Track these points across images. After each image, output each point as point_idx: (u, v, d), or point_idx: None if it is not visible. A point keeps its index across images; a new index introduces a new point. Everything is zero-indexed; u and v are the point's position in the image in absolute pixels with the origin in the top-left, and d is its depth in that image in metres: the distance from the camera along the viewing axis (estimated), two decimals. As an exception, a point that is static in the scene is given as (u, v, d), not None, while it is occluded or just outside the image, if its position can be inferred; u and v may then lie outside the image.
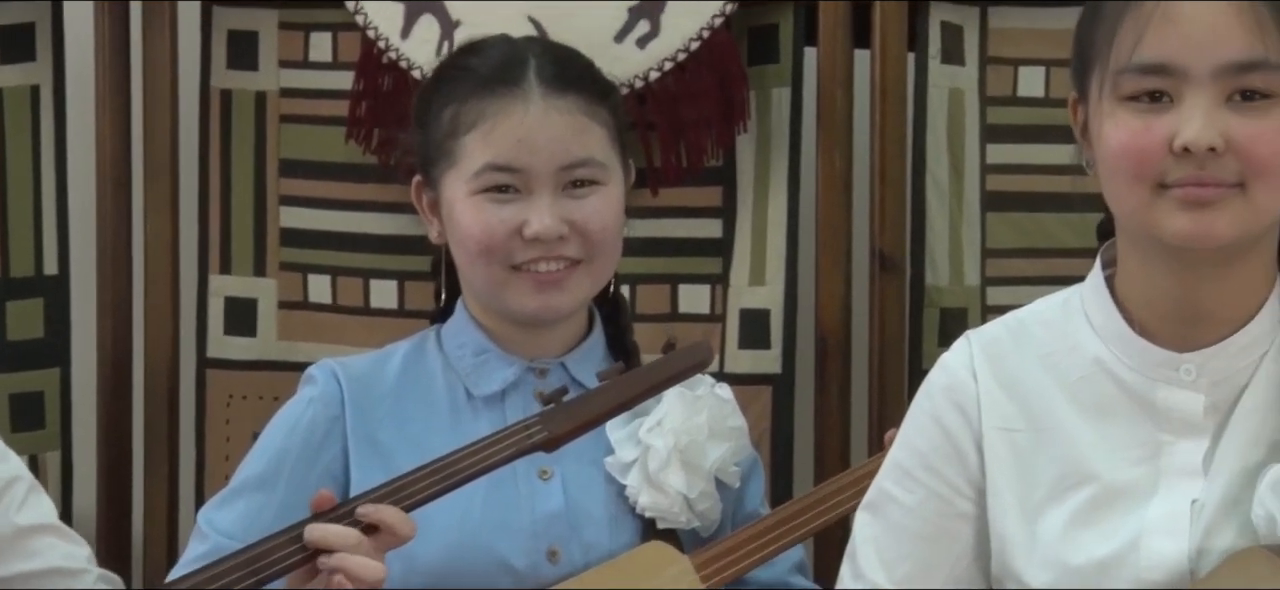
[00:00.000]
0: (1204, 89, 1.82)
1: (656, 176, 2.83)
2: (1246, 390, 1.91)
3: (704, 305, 2.88)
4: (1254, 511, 1.85)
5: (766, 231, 2.86)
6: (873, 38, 2.82)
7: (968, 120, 2.84)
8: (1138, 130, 1.84)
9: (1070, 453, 1.94)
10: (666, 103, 2.79)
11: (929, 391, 2.03)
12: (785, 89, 2.85)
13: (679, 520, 2.33)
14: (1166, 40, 1.83)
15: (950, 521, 2.00)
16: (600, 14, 2.76)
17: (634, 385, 2.22)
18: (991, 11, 2.84)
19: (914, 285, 2.85)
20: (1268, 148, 1.83)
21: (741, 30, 2.83)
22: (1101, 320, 1.96)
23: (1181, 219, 1.84)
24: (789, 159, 2.86)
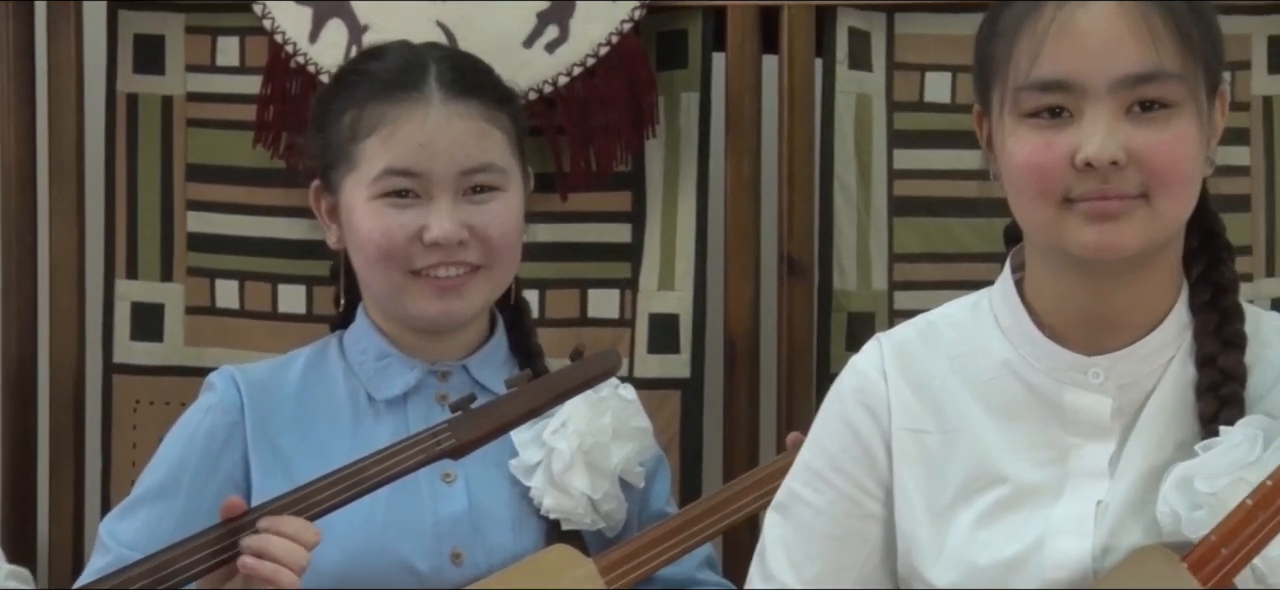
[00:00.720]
0: (1103, 102, 1.84)
1: (565, 181, 2.83)
2: (1153, 394, 1.93)
3: (613, 310, 2.88)
4: (1159, 509, 1.87)
5: (675, 236, 2.87)
6: (781, 43, 2.82)
7: (875, 126, 2.86)
8: (1040, 147, 1.86)
9: (979, 454, 1.96)
10: (575, 107, 2.79)
11: (839, 393, 2.04)
12: (694, 94, 2.86)
13: (583, 522, 2.34)
14: (1063, 55, 1.84)
15: (859, 522, 2.01)
16: (509, 19, 2.76)
17: (542, 392, 2.22)
18: (898, 17, 2.85)
19: (822, 290, 2.86)
20: (1168, 157, 1.85)
21: (650, 35, 2.84)
22: (1010, 323, 1.97)
23: (1088, 232, 1.85)
24: (698, 164, 2.86)
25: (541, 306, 2.84)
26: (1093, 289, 1.91)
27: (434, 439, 2.19)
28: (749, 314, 2.87)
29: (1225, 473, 1.84)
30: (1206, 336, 1.93)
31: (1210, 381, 1.91)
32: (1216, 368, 1.92)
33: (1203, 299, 1.95)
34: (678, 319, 2.87)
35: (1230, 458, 1.85)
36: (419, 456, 2.19)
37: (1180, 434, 1.92)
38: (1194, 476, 1.86)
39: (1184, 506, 1.85)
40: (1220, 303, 1.95)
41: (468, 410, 2.20)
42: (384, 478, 2.17)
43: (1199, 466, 1.86)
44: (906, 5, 2.84)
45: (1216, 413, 1.90)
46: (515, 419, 2.22)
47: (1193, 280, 1.96)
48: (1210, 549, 1.82)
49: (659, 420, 2.78)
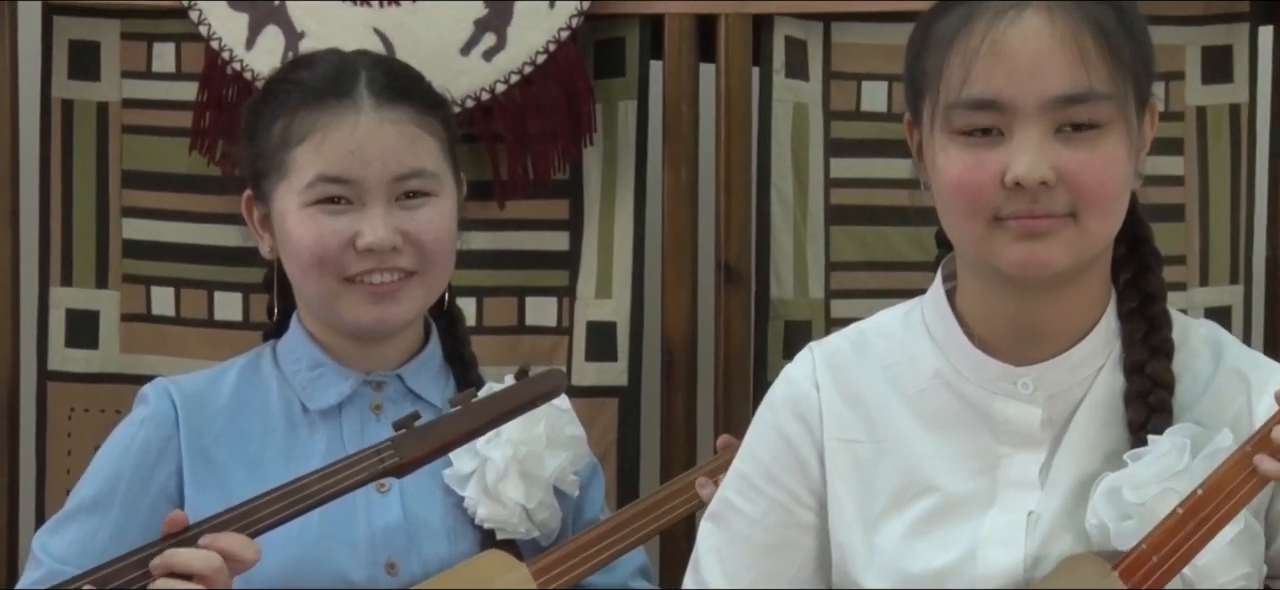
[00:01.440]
0: (1033, 122, 1.84)
1: (503, 189, 2.83)
2: (1082, 403, 1.95)
3: (551, 318, 2.88)
4: (1088, 520, 1.89)
5: (613, 244, 2.87)
6: (718, 52, 2.83)
7: (812, 134, 2.86)
8: (970, 165, 1.87)
9: (911, 464, 1.97)
10: (513, 115, 2.79)
11: (772, 403, 2.05)
12: (631, 102, 2.86)
13: (518, 530, 2.33)
14: (994, 75, 1.85)
15: (792, 532, 2.01)
16: (446, 26, 2.75)
17: (486, 411, 2.21)
18: (835, 27, 2.86)
19: (759, 298, 2.86)
20: (1097, 178, 1.86)
21: (587, 44, 2.84)
22: (942, 333, 1.98)
23: (1017, 250, 1.86)
24: (635, 172, 2.87)
25: (479, 314, 2.84)
26: (1022, 302, 1.92)
27: (377, 457, 2.18)
28: (686, 322, 2.87)
29: (1154, 482, 1.86)
30: (1134, 344, 1.94)
31: (1139, 389, 1.93)
32: (1145, 375, 1.93)
33: (1130, 306, 1.96)
34: (615, 327, 2.87)
35: (1159, 467, 1.86)
36: (362, 474, 2.17)
37: (1109, 442, 1.93)
38: (1123, 487, 1.87)
39: (1113, 517, 1.86)
40: (1148, 311, 1.96)
41: (411, 429, 2.19)
42: (327, 495, 2.16)
43: (1128, 477, 1.87)
44: (843, 15, 2.85)
45: (1145, 420, 1.91)
46: (458, 438, 2.21)
47: (1120, 287, 1.98)
48: (1141, 557, 1.83)
49: (596, 428, 2.78)
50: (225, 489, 2.24)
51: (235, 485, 2.24)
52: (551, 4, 2.76)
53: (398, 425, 2.20)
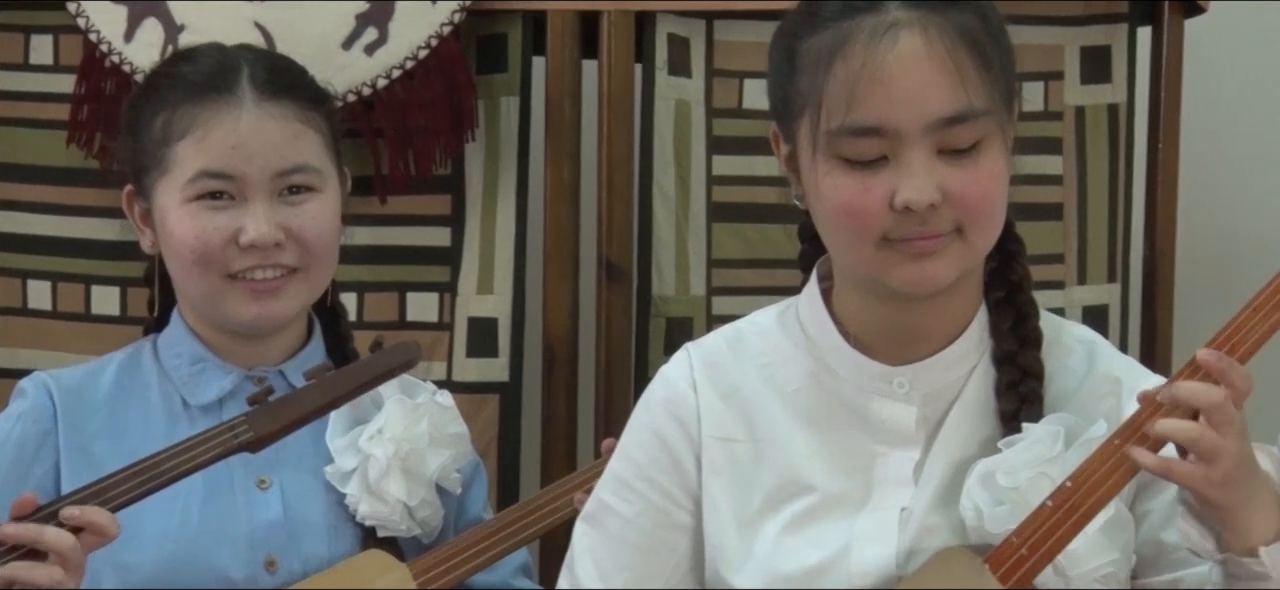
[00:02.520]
0: (917, 146, 1.85)
1: (384, 184, 2.82)
2: (956, 402, 1.96)
3: (432, 313, 2.88)
4: (962, 505, 1.90)
5: (495, 240, 2.86)
6: (600, 49, 2.83)
7: (694, 131, 2.87)
8: (857, 191, 1.86)
9: (787, 463, 1.97)
10: (395, 110, 2.78)
11: (648, 404, 2.05)
12: (514, 98, 2.86)
13: (399, 528, 2.32)
14: (876, 102, 1.84)
15: (668, 532, 2.01)
16: (328, 21, 2.74)
17: (341, 384, 2.19)
18: (717, 24, 2.87)
19: (641, 295, 2.87)
20: (981, 194, 1.87)
21: (470, 39, 2.83)
22: (817, 333, 1.99)
23: (906, 270, 1.87)
24: (517, 168, 2.87)
25: (360, 310, 2.83)
26: (902, 311, 1.94)
27: (231, 432, 2.16)
28: (568, 318, 2.87)
29: (1027, 467, 1.87)
30: (1003, 335, 1.96)
31: (1009, 379, 1.95)
32: (1015, 365, 1.95)
33: (997, 296, 1.98)
34: (496, 323, 2.87)
35: (1032, 453, 1.88)
36: (216, 449, 2.15)
37: (983, 435, 1.95)
38: (996, 471, 1.88)
39: (986, 502, 1.88)
40: (1014, 300, 1.98)
41: (265, 403, 2.17)
42: (182, 471, 2.14)
43: (1001, 461, 1.89)
44: (726, 12, 2.85)
45: (1017, 410, 1.93)
46: (313, 411, 2.19)
47: (987, 278, 1.99)
48: (1011, 549, 1.84)
49: (477, 424, 2.77)
50: (104, 485, 2.22)
51: None
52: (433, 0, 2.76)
53: (252, 401, 2.18)
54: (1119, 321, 2.96)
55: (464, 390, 2.80)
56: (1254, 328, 1.84)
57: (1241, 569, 1.83)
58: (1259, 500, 1.83)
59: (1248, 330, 1.85)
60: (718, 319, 2.82)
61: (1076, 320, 2.82)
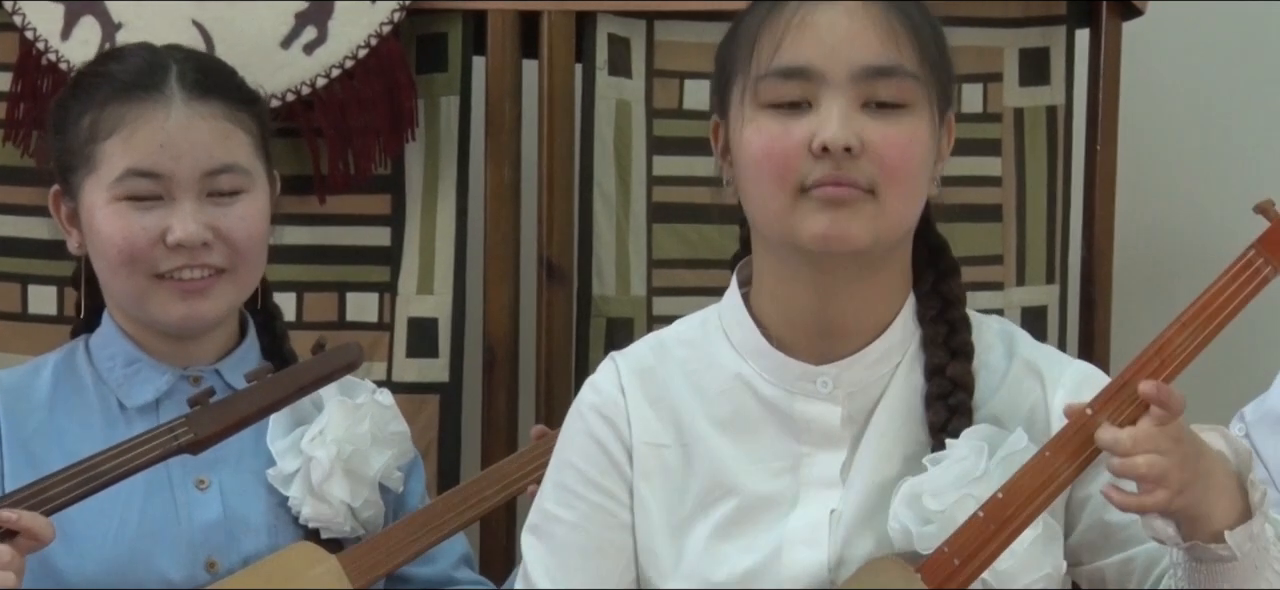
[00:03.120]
0: (841, 92, 1.87)
1: (324, 184, 2.81)
2: (881, 401, 1.97)
3: (372, 313, 2.87)
4: (890, 525, 1.91)
5: (435, 240, 2.86)
6: (541, 48, 2.83)
7: (634, 132, 2.87)
8: (778, 134, 1.89)
9: (714, 467, 1.98)
10: (334, 110, 2.78)
11: (580, 411, 2.05)
12: (454, 98, 2.86)
13: (343, 529, 2.32)
14: (804, 45, 1.88)
15: (614, 533, 2.01)
16: (267, 19, 2.73)
17: (282, 386, 2.19)
18: (658, 25, 2.87)
19: (581, 295, 2.87)
20: (898, 152, 1.88)
21: (410, 38, 2.83)
22: (740, 336, 2.00)
23: (820, 220, 1.88)
24: (457, 168, 2.86)
25: (299, 309, 2.83)
26: (821, 291, 1.94)
27: (171, 434, 2.16)
28: (508, 319, 2.87)
29: (953, 488, 1.88)
30: (935, 347, 1.97)
31: (939, 391, 1.95)
32: (945, 377, 1.96)
33: (932, 312, 1.99)
34: (437, 323, 2.87)
35: (957, 472, 1.89)
36: (156, 451, 2.15)
37: (909, 443, 1.96)
38: (923, 493, 1.89)
39: (914, 522, 1.89)
40: (948, 315, 1.99)
41: (205, 405, 2.17)
42: (121, 472, 2.14)
43: (927, 482, 1.90)
44: (666, 12, 2.86)
45: (946, 421, 1.94)
46: (254, 414, 2.19)
47: (922, 293, 2.00)
48: (944, 559, 1.85)
49: (417, 424, 2.77)
50: (44, 485, 2.22)
51: None
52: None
53: (192, 402, 2.18)
54: (1058, 322, 2.98)
55: (404, 390, 2.80)
56: (1184, 343, 1.85)
57: (1208, 554, 1.84)
58: (1216, 487, 1.84)
59: (1177, 346, 1.86)
60: (658, 319, 2.83)
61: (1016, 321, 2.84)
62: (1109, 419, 1.84)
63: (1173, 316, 1.90)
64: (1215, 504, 1.84)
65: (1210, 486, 1.83)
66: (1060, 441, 1.85)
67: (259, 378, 2.19)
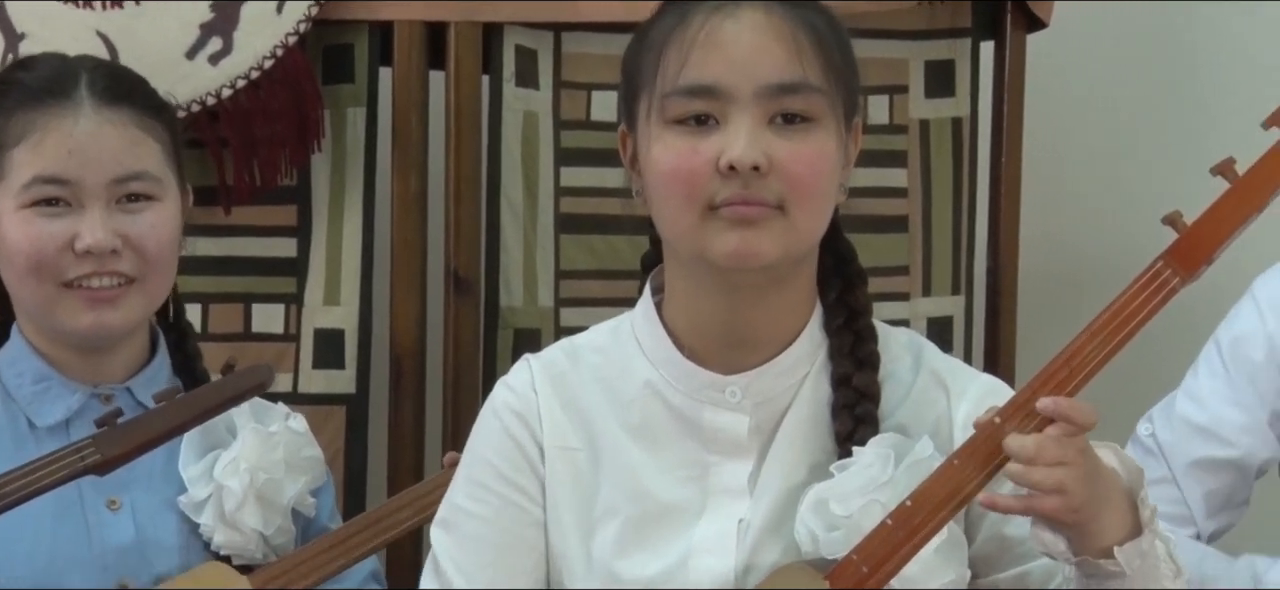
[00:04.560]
0: (748, 110, 1.87)
1: (229, 195, 2.80)
2: (789, 411, 1.97)
3: (278, 325, 2.86)
4: (797, 531, 1.91)
5: (341, 251, 2.85)
6: (448, 60, 2.83)
7: (542, 143, 2.87)
8: (685, 152, 1.89)
9: (623, 473, 1.98)
10: (240, 120, 2.76)
11: (494, 409, 2.05)
12: (360, 109, 2.85)
13: (255, 556, 2.30)
14: (711, 62, 1.88)
15: (526, 529, 2.01)
16: (171, 30, 2.71)
17: (190, 407, 2.18)
18: (565, 36, 2.87)
19: (488, 306, 2.87)
20: (806, 168, 1.89)
21: (316, 50, 2.82)
22: (651, 345, 2.00)
23: (729, 238, 1.88)
24: (364, 179, 2.86)
25: (204, 321, 2.81)
26: (730, 304, 1.94)
27: (77, 454, 2.13)
28: (415, 329, 2.86)
29: (859, 494, 1.89)
30: (841, 357, 1.98)
31: (846, 400, 1.96)
32: (851, 387, 1.96)
33: (838, 322, 1.99)
34: (343, 334, 2.86)
35: (863, 478, 1.90)
36: (62, 471, 2.13)
37: (815, 452, 1.96)
38: (829, 499, 1.90)
39: (821, 528, 1.89)
40: (854, 325, 1.99)
41: (113, 425, 2.15)
42: (26, 493, 2.11)
43: (833, 488, 1.90)
44: (573, 24, 2.86)
45: (852, 431, 1.95)
46: (163, 434, 2.17)
47: (829, 303, 2.00)
48: (852, 567, 1.85)
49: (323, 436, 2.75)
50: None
51: None
52: (279, 9, 2.74)
53: (99, 423, 2.15)
54: (963, 333, 3.00)
55: (310, 402, 2.79)
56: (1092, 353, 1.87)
57: (1097, 570, 1.85)
58: (1109, 503, 1.85)
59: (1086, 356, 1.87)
60: (566, 330, 2.82)
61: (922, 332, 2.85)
62: (1017, 429, 1.85)
63: (1077, 327, 1.91)
64: (1107, 520, 1.85)
65: (1105, 502, 1.85)
66: (969, 450, 1.85)
67: (167, 398, 2.17)
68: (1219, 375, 2.40)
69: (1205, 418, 2.39)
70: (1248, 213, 1.87)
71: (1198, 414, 2.40)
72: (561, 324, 2.87)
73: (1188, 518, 2.40)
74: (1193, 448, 2.39)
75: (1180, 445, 2.40)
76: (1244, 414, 2.37)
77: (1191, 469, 2.40)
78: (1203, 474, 2.40)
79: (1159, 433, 2.43)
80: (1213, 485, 2.41)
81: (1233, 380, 2.38)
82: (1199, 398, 2.41)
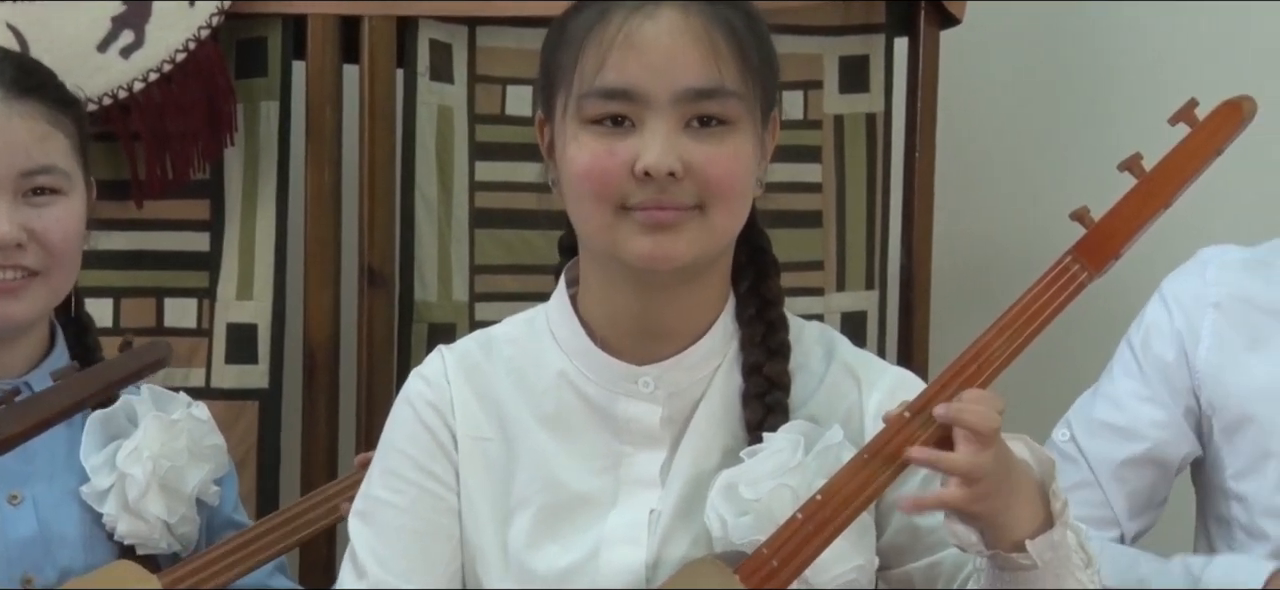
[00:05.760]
0: (664, 114, 1.87)
1: (141, 189, 2.78)
2: (701, 402, 1.98)
3: (190, 319, 2.84)
4: (707, 516, 1.92)
5: (254, 245, 2.84)
6: (362, 54, 2.82)
7: (456, 137, 2.86)
8: (601, 153, 1.89)
9: (537, 464, 1.98)
10: (152, 114, 2.74)
11: (408, 399, 2.05)
12: (274, 103, 2.84)
13: (159, 546, 2.30)
14: (628, 66, 1.88)
15: (443, 518, 2.01)
16: (83, 23, 2.70)
17: (88, 384, 2.15)
18: (480, 30, 2.86)
19: (403, 300, 2.86)
20: (723, 171, 1.89)
21: (229, 43, 2.81)
22: (566, 336, 2.00)
23: (643, 241, 1.89)
24: (277, 173, 2.84)
25: (116, 316, 2.79)
26: (644, 299, 1.95)
27: None
28: (329, 324, 2.85)
29: (769, 478, 1.89)
30: (753, 347, 1.98)
31: (756, 389, 1.97)
32: (762, 376, 1.97)
33: (750, 312, 2.00)
34: (256, 329, 2.84)
35: (773, 463, 1.90)
36: None
37: (727, 441, 1.97)
38: (739, 483, 1.90)
39: (730, 513, 1.90)
40: (766, 315, 2.00)
41: (10, 405, 2.13)
42: None
43: (743, 473, 1.91)
44: (488, 18, 2.85)
45: (762, 419, 1.95)
46: (59, 412, 2.14)
47: (741, 293, 2.01)
48: (762, 560, 1.85)
49: (236, 431, 2.75)
50: None
51: None
52: (191, 2, 2.72)
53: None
54: (877, 327, 3.01)
55: (223, 397, 2.78)
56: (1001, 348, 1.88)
57: (1009, 563, 1.86)
58: (1020, 496, 1.85)
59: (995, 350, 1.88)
60: (481, 324, 2.77)
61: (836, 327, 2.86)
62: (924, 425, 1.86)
63: (990, 321, 1.92)
64: (1018, 513, 1.86)
65: (1015, 495, 1.85)
66: (878, 445, 1.86)
67: (65, 376, 2.16)
68: (1134, 375, 2.42)
69: (1124, 419, 2.41)
70: (1155, 208, 1.88)
71: (1116, 416, 2.41)
72: (476, 318, 2.87)
73: (1112, 520, 2.41)
74: (1113, 450, 2.41)
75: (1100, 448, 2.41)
76: (1161, 411, 2.39)
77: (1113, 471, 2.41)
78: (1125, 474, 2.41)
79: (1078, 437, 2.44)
80: (1135, 485, 2.42)
81: (1147, 379, 2.40)
82: (1116, 399, 2.43)
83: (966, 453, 1.81)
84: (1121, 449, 2.40)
